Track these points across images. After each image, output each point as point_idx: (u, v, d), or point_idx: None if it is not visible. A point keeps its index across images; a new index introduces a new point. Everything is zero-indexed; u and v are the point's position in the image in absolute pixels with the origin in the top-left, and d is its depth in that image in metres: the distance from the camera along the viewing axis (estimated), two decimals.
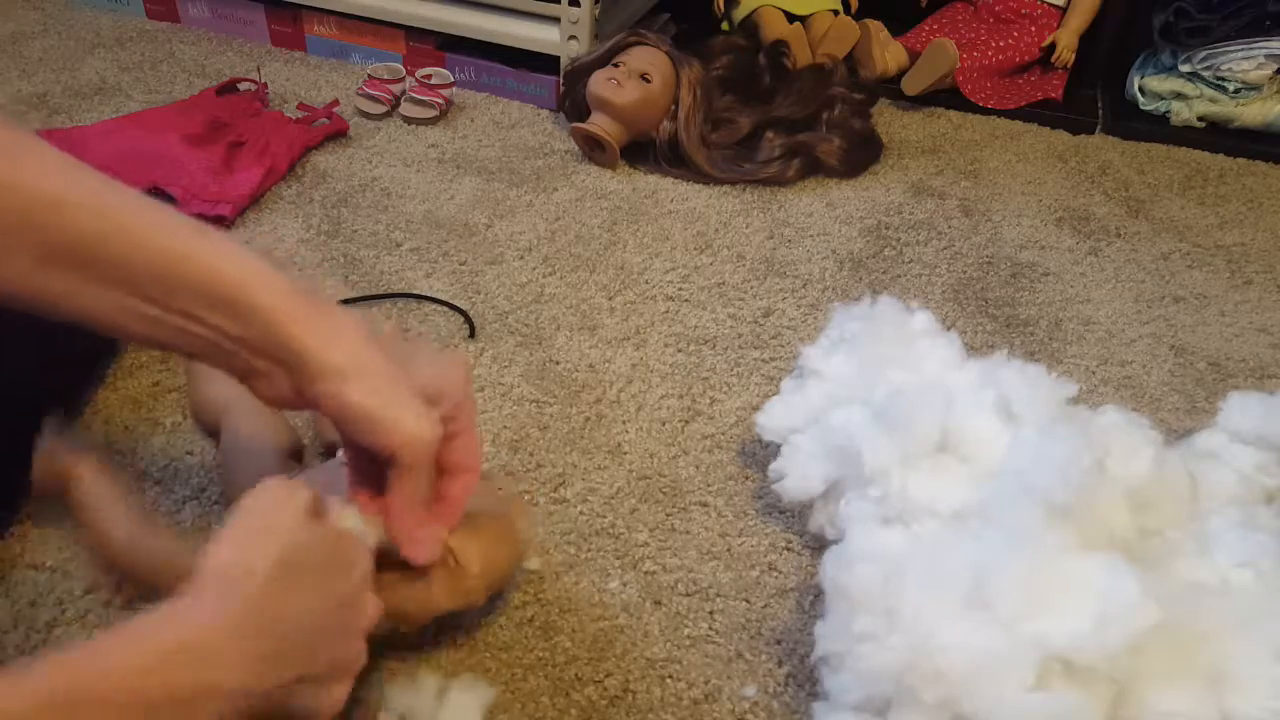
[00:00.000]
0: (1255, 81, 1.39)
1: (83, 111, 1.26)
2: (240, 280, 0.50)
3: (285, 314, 0.51)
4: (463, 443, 0.58)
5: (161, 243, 0.50)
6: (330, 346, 0.52)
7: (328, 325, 0.52)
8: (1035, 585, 0.57)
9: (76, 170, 0.50)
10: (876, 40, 1.46)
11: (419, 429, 0.53)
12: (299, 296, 0.52)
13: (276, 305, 0.51)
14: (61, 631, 0.65)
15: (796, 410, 0.79)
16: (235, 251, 0.51)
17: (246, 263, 0.51)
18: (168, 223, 0.51)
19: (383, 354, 0.54)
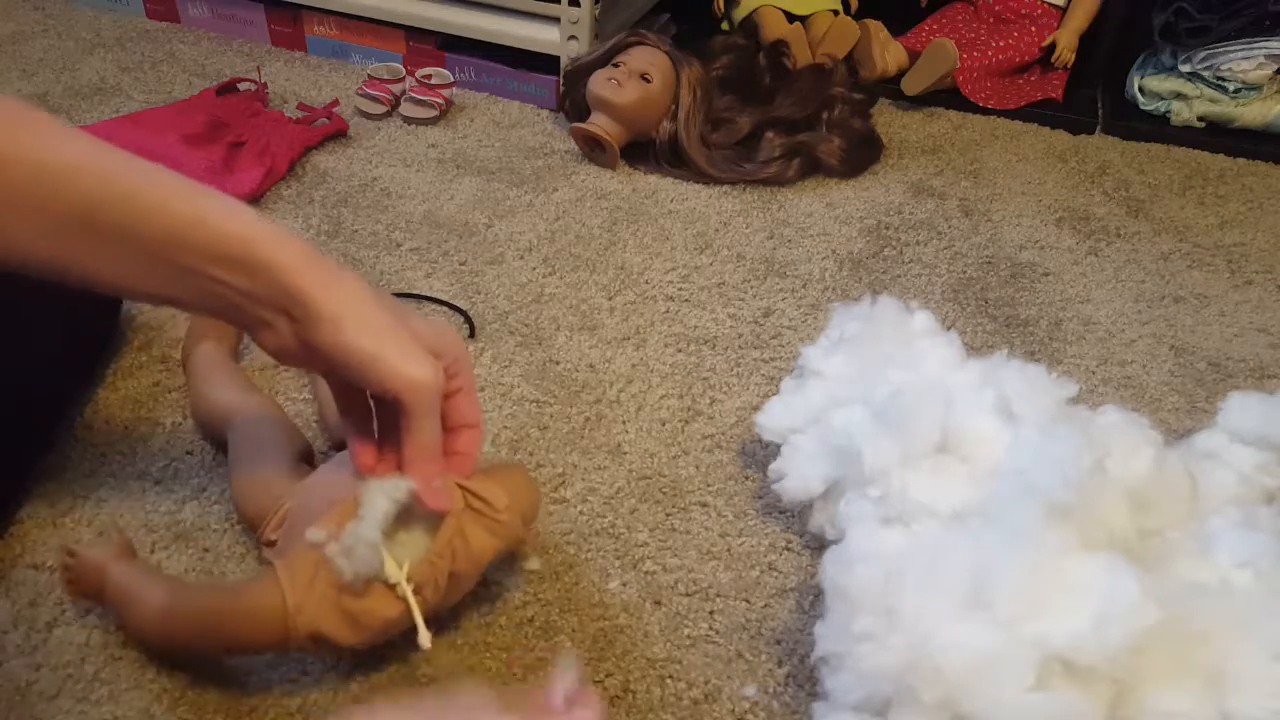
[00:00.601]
0: (1255, 81, 1.39)
1: (83, 111, 1.26)
2: (247, 237, 0.52)
3: (290, 266, 0.52)
4: (464, 399, 0.60)
5: (170, 206, 0.51)
6: (331, 294, 0.53)
7: (330, 276, 0.54)
8: (1035, 585, 0.57)
9: (78, 138, 0.51)
10: (876, 40, 1.46)
11: (423, 372, 0.55)
12: (303, 251, 0.53)
13: (282, 259, 0.52)
14: (61, 632, 0.65)
15: (796, 410, 0.79)
16: (241, 211, 0.53)
17: (252, 221, 0.53)
18: (174, 185, 0.52)
19: (384, 305, 0.55)
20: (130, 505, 0.74)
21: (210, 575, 0.70)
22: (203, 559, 0.71)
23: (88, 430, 0.80)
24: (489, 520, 0.62)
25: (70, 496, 0.75)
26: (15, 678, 0.62)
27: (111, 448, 0.79)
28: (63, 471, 0.76)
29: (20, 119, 0.50)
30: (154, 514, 0.74)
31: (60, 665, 0.63)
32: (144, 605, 0.61)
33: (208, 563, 0.70)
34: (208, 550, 0.71)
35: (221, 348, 0.83)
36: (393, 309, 0.56)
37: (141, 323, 0.91)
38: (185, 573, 0.70)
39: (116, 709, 0.61)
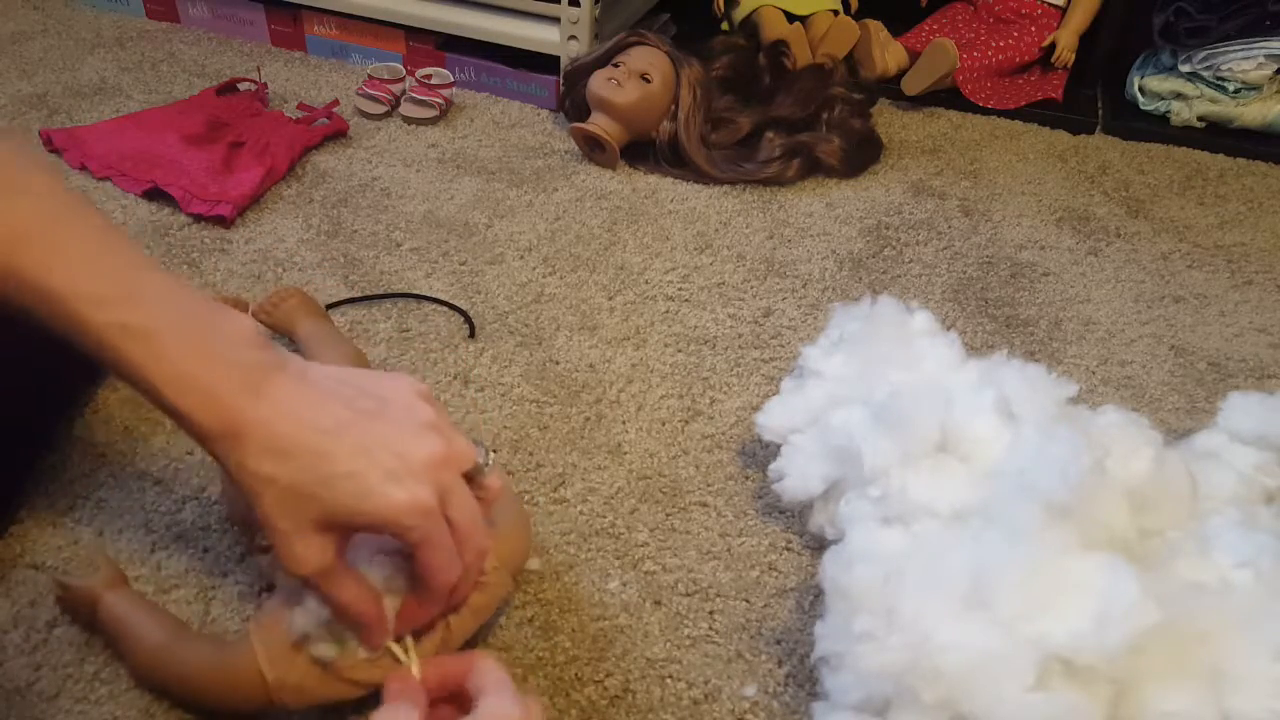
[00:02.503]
0: (1255, 81, 1.39)
1: (83, 111, 1.26)
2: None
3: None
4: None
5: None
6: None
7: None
8: (1035, 585, 0.57)
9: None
10: (876, 40, 1.45)
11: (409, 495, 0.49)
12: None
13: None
14: (61, 632, 0.65)
15: (796, 410, 0.79)
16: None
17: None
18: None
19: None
20: (130, 505, 0.74)
21: (210, 575, 0.70)
22: (203, 559, 0.71)
23: (88, 430, 0.80)
24: (479, 584, 0.61)
25: (70, 496, 0.75)
26: (15, 678, 0.62)
27: (111, 448, 0.79)
28: (63, 471, 0.76)
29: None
30: (154, 514, 0.74)
31: (60, 665, 0.63)
32: (134, 644, 0.61)
33: (208, 563, 0.70)
34: (208, 550, 0.71)
35: None
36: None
37: None
38: (185, 573, 0.70)
39: (116, 709, 0.61)
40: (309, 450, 0.48)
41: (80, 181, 1.12)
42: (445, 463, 0.50)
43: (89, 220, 0.49)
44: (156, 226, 1.05)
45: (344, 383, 0.52)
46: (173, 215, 1.07)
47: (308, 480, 0.48)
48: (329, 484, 0.48)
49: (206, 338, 0.48)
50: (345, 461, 0.48)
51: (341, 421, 0.49)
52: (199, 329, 0.48)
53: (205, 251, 1.03)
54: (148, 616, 0.63)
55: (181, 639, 0.62)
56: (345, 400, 0.50)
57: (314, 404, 0.49)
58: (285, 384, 0.49)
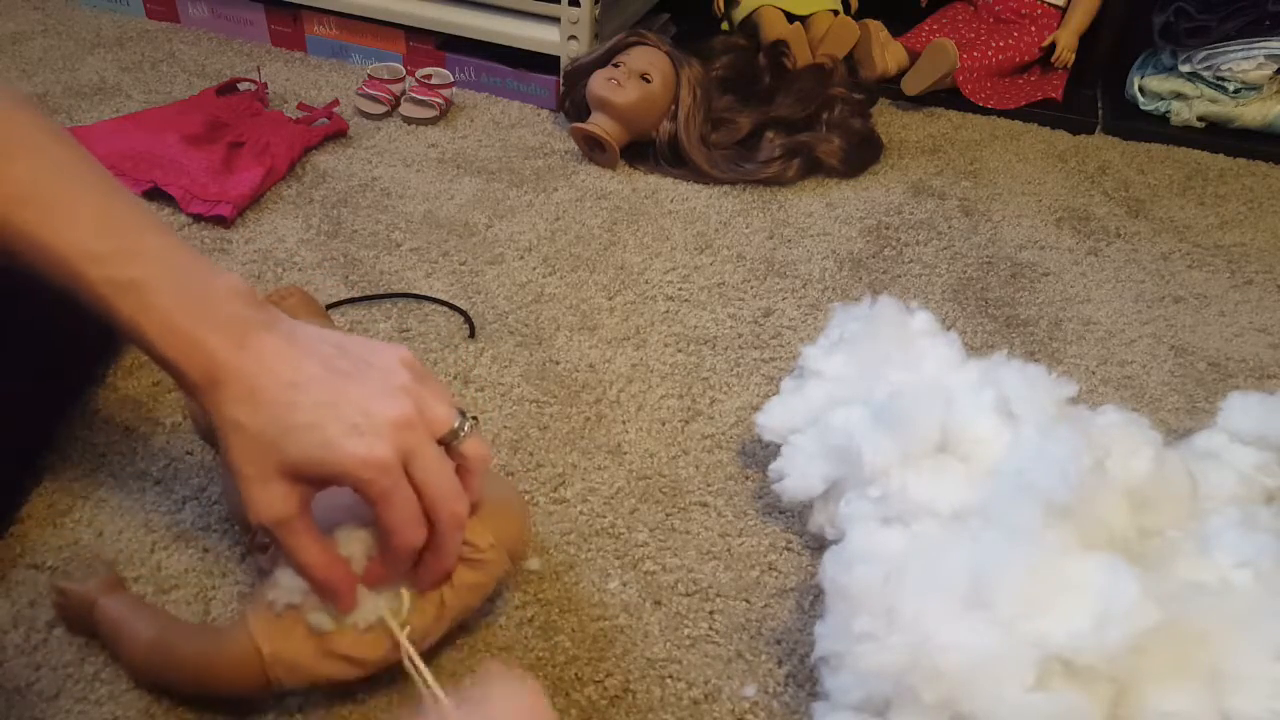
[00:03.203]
0: (1255, 81, 1.39)
1: (83, 111, 1.26)
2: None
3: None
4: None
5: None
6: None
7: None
8: (1035, 585, 0.57)
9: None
10: (876, 40, 1.45)
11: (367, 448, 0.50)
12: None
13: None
14: (61, 632, 0.65)
15: (796, 410, 0.79)
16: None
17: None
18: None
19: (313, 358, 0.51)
20: (130, 505, 0.74)
21: (210, 575, 0.70)
22: (203, 559, 0.71)
23: (88, 430, 0.80)
24: (474, 560, 0.61)
25: (70, 496, 0.75)
26: (15, 678, 0.62)
27: (111, 448, 0.79)
28: (63, 471, 0.76)
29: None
30: (154, 514, 0.74)
31: (60, 665, 0.63)
32: (130, 641, 0.61)
33: (208, 563, 0.70)
34: (208, 550, 0.71)
35: None
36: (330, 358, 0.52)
37: None
38: (185, 573, 0.70)
39: (116, 709, 0.61)
40: (277, 400, 0.50)
41: None
42: (410, 424, 0.51)
43: (89, 178, 0.51)
44: None
45: (328, 343, 0.53)
46: (173, 215, 1.07)
47: (272, 429, 0.49)
48: (291, 433, 0.49)
49: (198, 293, 0.50)
50: (308, 412, 0.50)
51: (313, 376, 0.50)
52: (191, 284, 0.50)
53: (205, 251, 1.03)
54: (140, 613, 0.63)
55: (174, 630, 0.62)
56: (323, 358, 0.52)
57: (291, 359, 0.51)
58: (268, 339, 0.51)
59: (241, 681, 0.58)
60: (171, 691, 0.62)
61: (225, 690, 0.60)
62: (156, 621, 0.62)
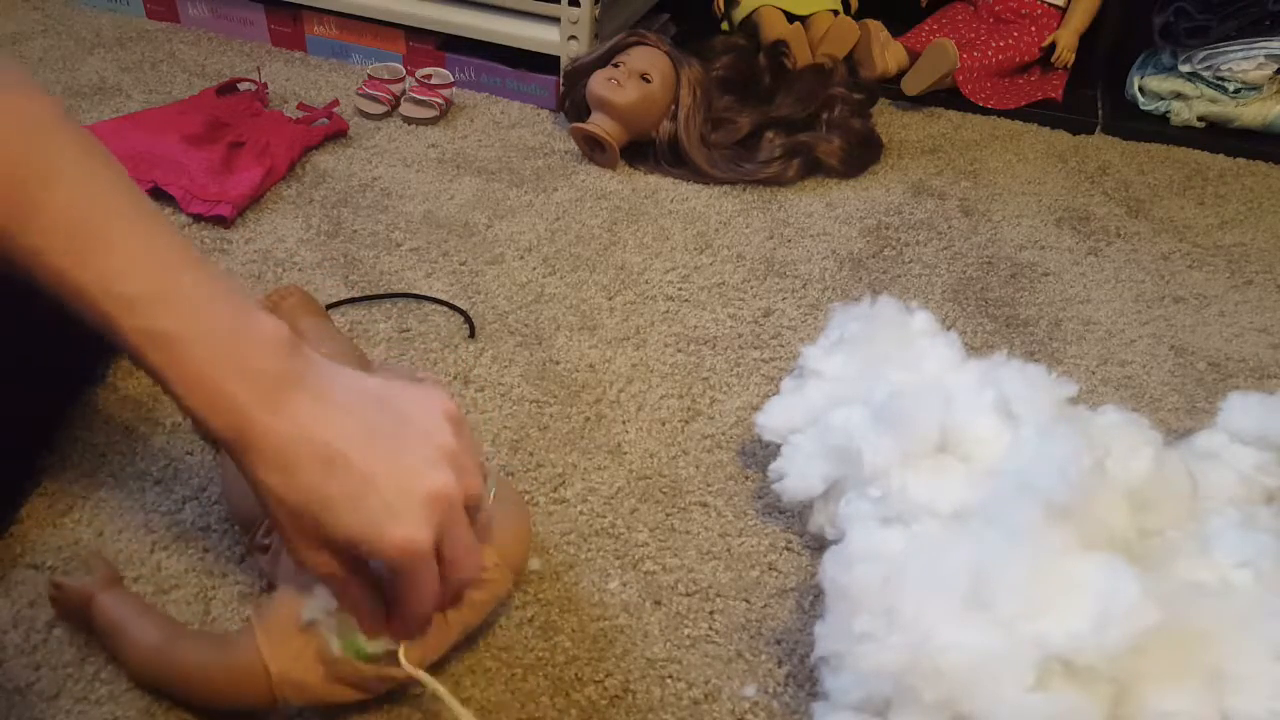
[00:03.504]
0: (1255, 81, 1.39)
1: (83, 111, 1.26)
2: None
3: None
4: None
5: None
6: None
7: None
8: (1035, 585, 0.57)
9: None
10: (876, 40, 1.45)
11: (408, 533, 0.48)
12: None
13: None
14: (61, 632, 0.65)
15: (796, 410, 0.79)
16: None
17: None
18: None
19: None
20: (130, 505, 0.74)
21: (210, 575, 0.70)
22: (203, 559, 0.71)
23: (88, 430, 0.80)
24: (478, 580, 0.61)
25: (70, 496, 0.75)
26: (15, 678, 0.62)
27: (111, 448, 0.79)
28: (63, 471, 0.77)
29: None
30: (154, 514, 0.74)
31: (60, 665, 0.63)
32: (132, 646, 0.61)
33: (208, 563, 0.70)
34: (208, 550, 0.71)
35: None
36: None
37: None
38: (185, 573, 0.70)
39: (116, 709, 0.61)
40: (313, 470, 0.48)
41: None
42: (448, 499, 0.50)
43: (125, 209, 0.48)
44: None
45: (367, 396, 0.51)
46: (173, 215, 1.07)
47: (309, 500, 0.48)
48: (328, 506, 0.48)
49: (230, 345, 0.48)
50: (345, 486, 0.48)
51: (351, 442, 0.48)
52: (224, 334, 0.48)
53: (205, 251, 1.03)
54: (143, 617, 0.63)
55: (178, 638, 0.62)
56: (361, 418, 0.50)
57: (327, 422, 0.49)
58: (303, 400, 0.48)
59: (246, 697, 0.58)
60: (171, 697, 0.62)
61: (228, 704, 0.60)
62: (161, 628, 0.62)
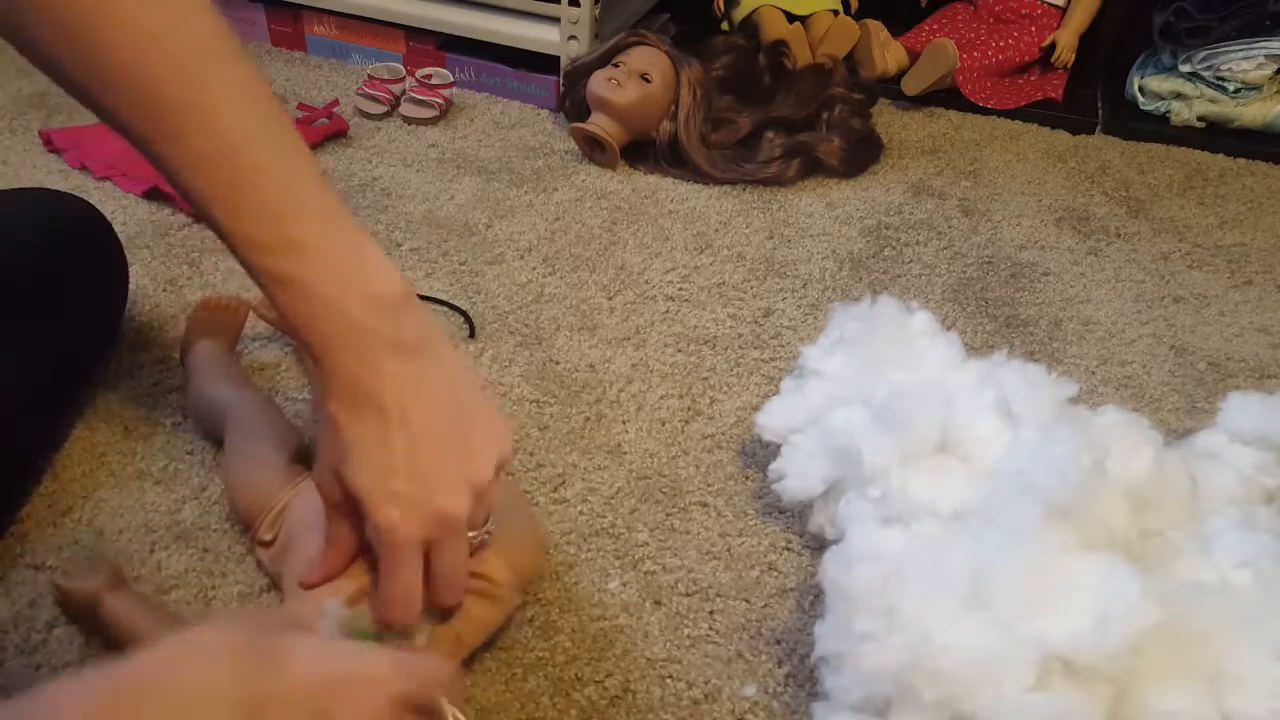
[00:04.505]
0: (1255, 81, 1.39)
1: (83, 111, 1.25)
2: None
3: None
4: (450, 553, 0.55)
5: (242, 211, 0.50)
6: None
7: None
8: (1035, 585, 0.57)
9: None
10: (876, 40, 1.45)
11: (392, 518, 0.52)
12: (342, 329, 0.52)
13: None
14: (61, 631, 0.65)
15: (796, 410, 0.79)
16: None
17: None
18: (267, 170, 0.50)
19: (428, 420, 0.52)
20: (130, 505, 0.74)
21: (210, 575, 0.70)
22: (203, 559, 0.71)
23: (88, 430, 0.80)
24: (489, 596, 0.62)
25: (70, 496, 0.75)
26: (15, 678, 0.62)
27: (111, 448, 0.79)
28: (63, 471, 0.77)
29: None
30: (154, 514, 0.74)
31: (60, 665, 0.63)
32: (138, 647, 0.61)
33: (208, 563, 0.70)
34: (208, 550, 0.71)
35: (220, 344, 0.83)
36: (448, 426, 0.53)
37: (141, 323, 0.91)
38: (185, 573, 0.70)
39: None
40: (366, 424, 0.52)
41: (80, 181, 1.12)
42: (452, 524, 0.53)
43: (267, 149, 0.50)
44: (156, 226, 1.05)
45: (455, 391, 0.54)
46: (173, 215, 1.07)
47: (350, 441, 0.52)
48: (357, 457, 0.52)
49: (349, 296, 0.51)
50: (382, 453, 0.51)
51: (411, 426, 0.52)
52: (346, 285, 0.51)
53: (205, 251, 1.03)
54: (151, 618, 0.63)
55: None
56: (434, 410, 0.53)
57: (404, 393, 0.52)
58: (399, 368, 0.52)
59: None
60: None
61: None
62: (168, 630, 0.62)
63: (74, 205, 0.83)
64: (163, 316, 0.92)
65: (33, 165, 1.14)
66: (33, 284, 0.74)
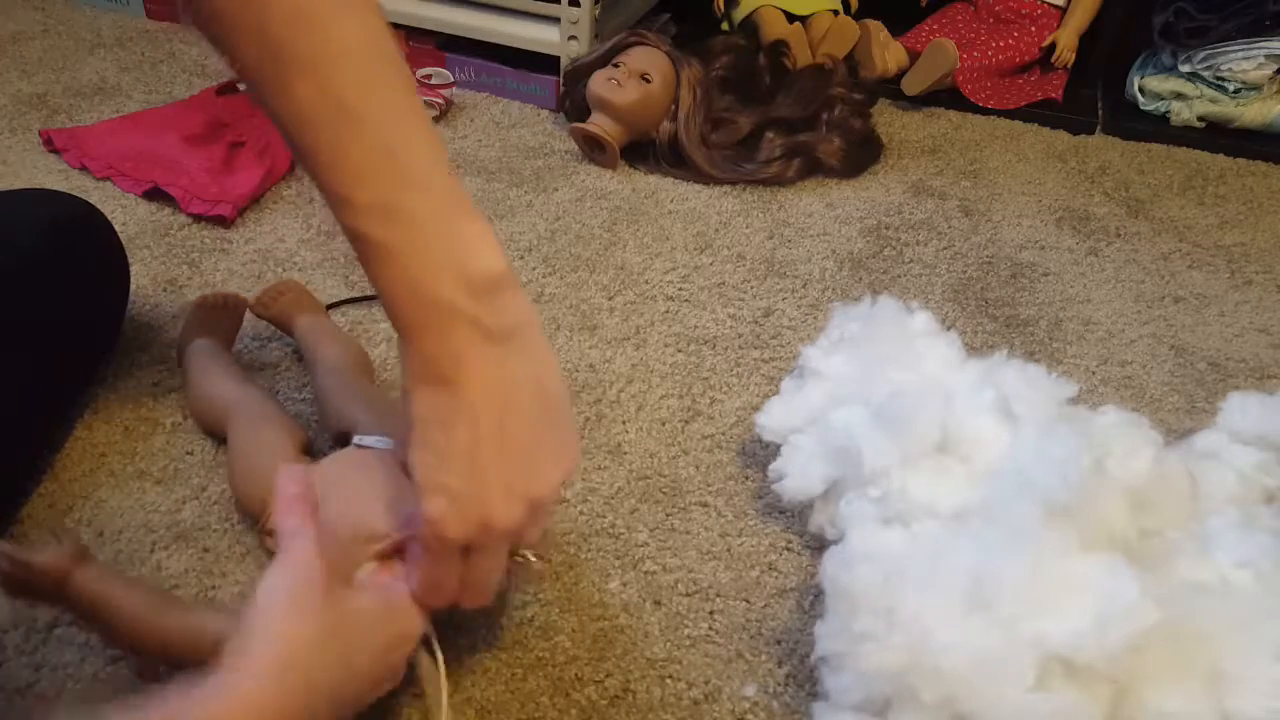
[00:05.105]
0: (1255, 81, 1.39)
1: (83, 111, 1.26)
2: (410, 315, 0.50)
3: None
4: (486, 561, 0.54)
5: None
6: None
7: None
8: (1035, 585, 0.57)
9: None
10: (876, 40, 1.45)
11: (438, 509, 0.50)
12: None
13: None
14: (61, 632, 0.65)
15: (796, 410, 0.79)
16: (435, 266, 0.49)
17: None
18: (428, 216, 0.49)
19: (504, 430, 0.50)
20: (130, 505, 0.74)
21: (210, 575, 0.70)
22: (203, 559, 0.71)
23: (88, 430, 0.80)
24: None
25: (70, 496, 0.75)
26: (15, 678, 0.62)
27: (111, 448, 0.79)
28: (63, 471, 0.77)
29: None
30: (154, 514, 0.74)
31: (60, 665, 0.63)
32: (114, 617, 0.59)
33: (207, 562, 0.70)
34: (208, 550, 0.71)
35: (217, 343, 0.83)
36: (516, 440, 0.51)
37: (141, 323, 0.91)
38: (185, 573, 0.70)
39: None
40: (436, 410, 0.49)
41: (80, 181, 1.12)
42: (498, 534, 0.51)
43: (380, 109, 0.48)
44: (156, 226, 1.05)
45: (530, 394, 0.51)
46: (173, 215, 1.07)
47: (417, 421, 0.50)
48: (422, 444, 0.50)
49: (444, 273, 0.49)
50: (445, 442, 0.49)
51: (480, 422, 0.50)
52: (441, 260, 0.49)
53: (205, 251, 1.03)
54: (126, 591, 0.60)
55: (165, 610, 0.60)
56: (509, 410, 0.50)
57: (483, 396, 0.50)
58: (480, 351, 0.49)
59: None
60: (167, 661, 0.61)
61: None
62: (134, 601, 0.59)
63: (74, 205, 0.83)
64: (163, 316, 0.92)
65: (33, 165, 1.14)
66: (33, 284, 0.74)
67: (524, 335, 0.52)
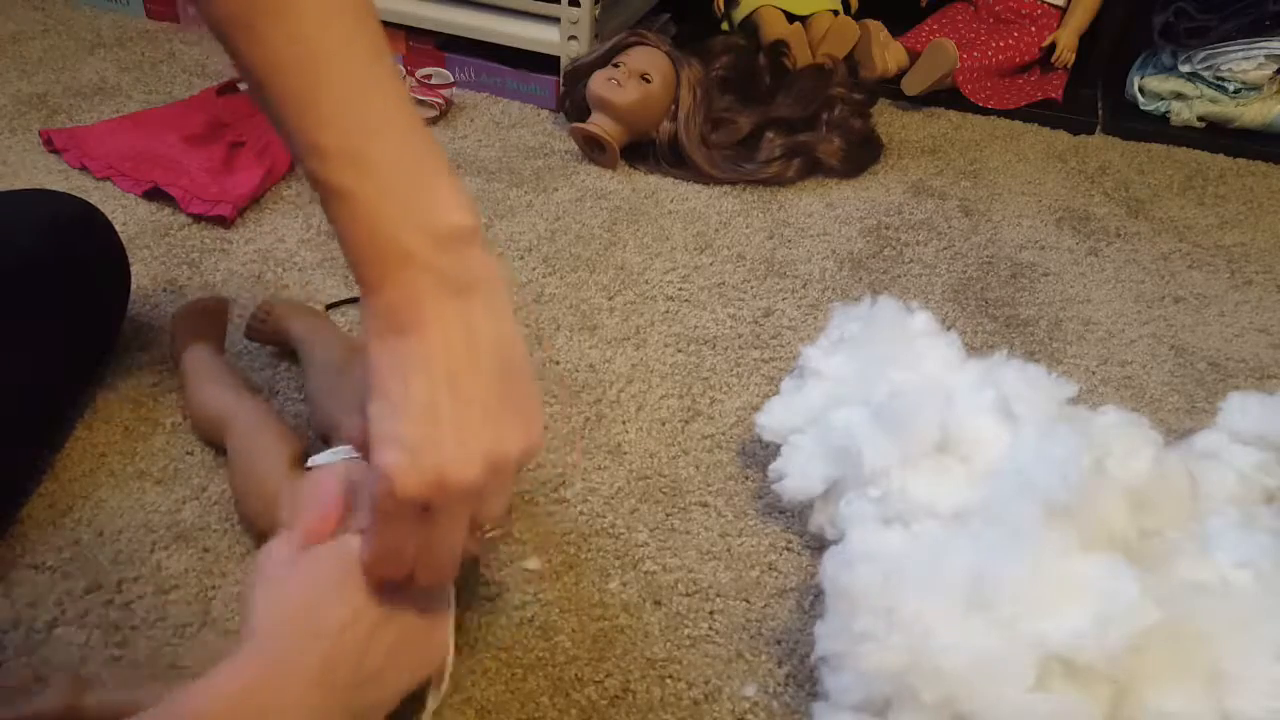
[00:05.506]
0: (1255, 81, 1.39)
1: (83, 111, 1.26)
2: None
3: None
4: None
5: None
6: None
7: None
8: (1035, 585, 0.57)
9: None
10: (876, 40, 1.45)
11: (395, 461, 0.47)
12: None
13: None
14: (61, 631, 0.65)
15: (796, 410, 0.79)
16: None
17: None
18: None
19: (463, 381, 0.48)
20: (130, 505, 0.74)
21: (210, 575, 0.70)
22: (203, 559, 0.71)
23: (88, 430, 0.80)
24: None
25: (70, 496, 0.75)
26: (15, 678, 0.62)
27: (111, 448, 0.79)
28: (63, 471, 0.77)
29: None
30: (154, 514, 0.74)
31: (60, 665, 0.63)
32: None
33: (207, 562, 0.70)
34: (208, 550, 0.71)
35: (210, 347, 0.83)
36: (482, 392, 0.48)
37: (141, 323, 0.91)
38: (185, 573, 0.70)
39: None
40: (388, 361, 0.47)
41: (80, 181, 1.12)
42: (455, 497, 0.48)
43: (349, 58, 0.47)
44: (156, 226, 1.05)
45: (497, 357, 0.49)
46: (173, 215, 1.07)
47: (379, 376, 0.47)
48: (382, 395, 0.47)
49: (407, 222, 0.47)
50: (403, 398, 0.47)
51: (443, 375, 0.47)
52: (405, 209, 0.47)
53: (205, 251, 1.03)
54: (137, 692, 0.59)
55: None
56: (469, 369, 0.48)
57: (446, 353, 0.48)
58: (442, 304, 0.47)
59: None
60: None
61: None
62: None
63: (74, 205, 0.83)
64: (163, 316, 0.92)
65: (33, 165, 1.14)
66: (33, 284, 0.74)
67: (488, 291, 0.49)
